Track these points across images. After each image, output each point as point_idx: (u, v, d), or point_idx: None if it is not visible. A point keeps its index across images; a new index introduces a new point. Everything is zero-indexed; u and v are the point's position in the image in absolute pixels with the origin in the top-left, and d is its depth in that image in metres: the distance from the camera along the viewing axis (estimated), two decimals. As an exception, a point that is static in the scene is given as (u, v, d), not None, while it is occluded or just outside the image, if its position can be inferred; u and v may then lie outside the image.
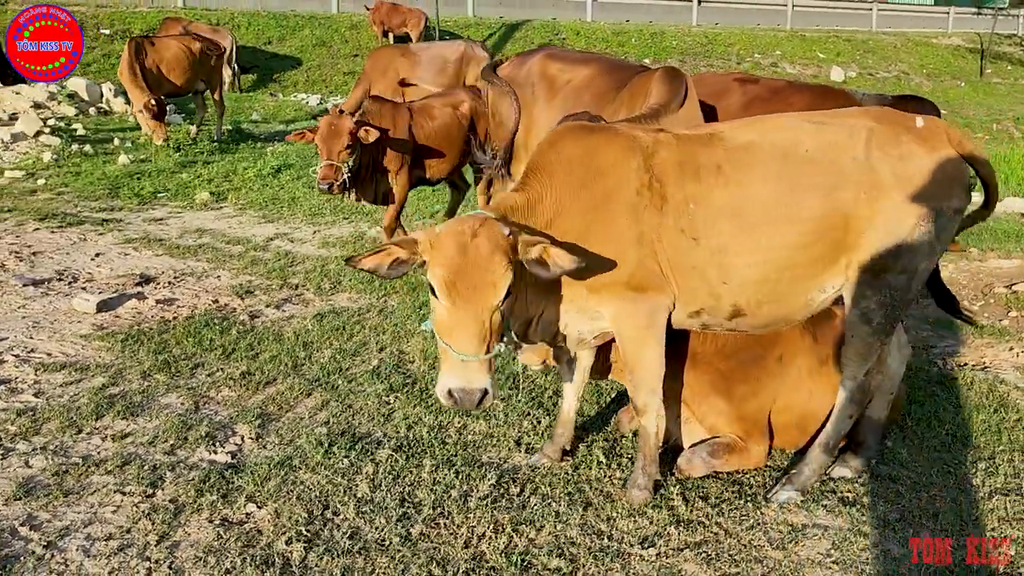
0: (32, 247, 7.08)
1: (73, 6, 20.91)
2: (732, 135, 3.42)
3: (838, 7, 34.88)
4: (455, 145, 7.29)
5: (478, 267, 2.90)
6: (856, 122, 3.41)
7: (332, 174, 6.18)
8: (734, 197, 3.30)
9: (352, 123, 6.21)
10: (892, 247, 3.34)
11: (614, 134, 3.45)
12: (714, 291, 3.39)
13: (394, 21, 21.93)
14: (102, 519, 3.33)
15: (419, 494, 3.57)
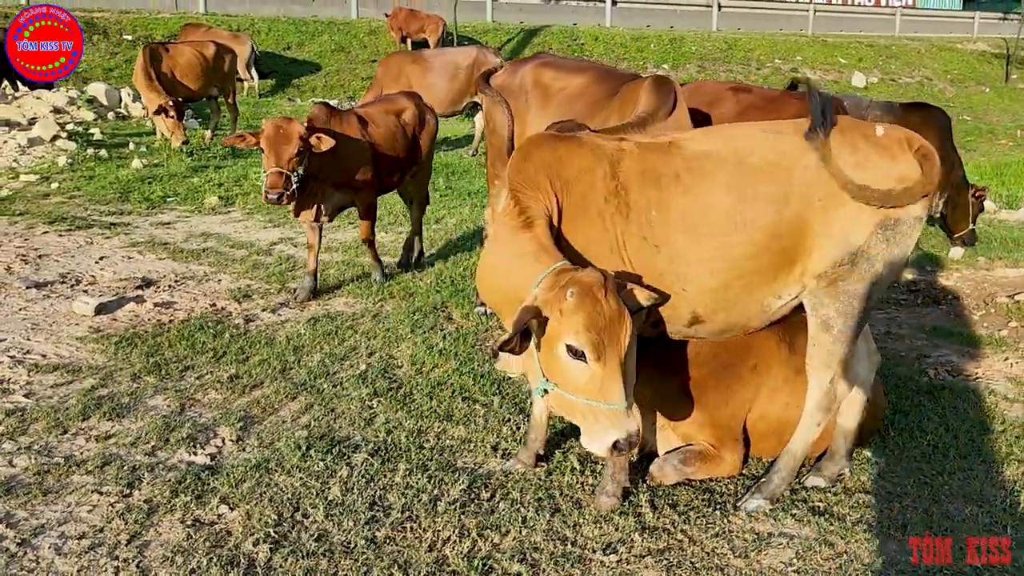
0: (39, 250, 7.22)
1: (96, 12, 21.31)
2: (691, 144, 3.46)
3: (861, 12, 34.61)
4: (402, 154, 6.89)
5: (615, 323, 2.99)
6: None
7: (282, 183, 5.63)
8: (691, 205, 3.34)
9: (303, 128, 5.74)
10: (848, 255, 3.36)
11: (579, 143, 3.50)
12: (674, 299, 3.42)
13: (412, 27, 22.07)
14: (77, 518, 3.40)
15: (390, 498, 3.61)
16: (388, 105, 7.13)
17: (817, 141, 3.29)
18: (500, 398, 4.66)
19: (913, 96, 26.42)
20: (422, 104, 7.37)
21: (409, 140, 6.98)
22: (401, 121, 6.94)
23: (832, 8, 33.86)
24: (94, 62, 19.58)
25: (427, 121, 7.31)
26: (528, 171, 3.46)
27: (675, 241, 3.34)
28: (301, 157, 5.71)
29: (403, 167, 6.95)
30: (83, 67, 19.15)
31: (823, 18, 32.19)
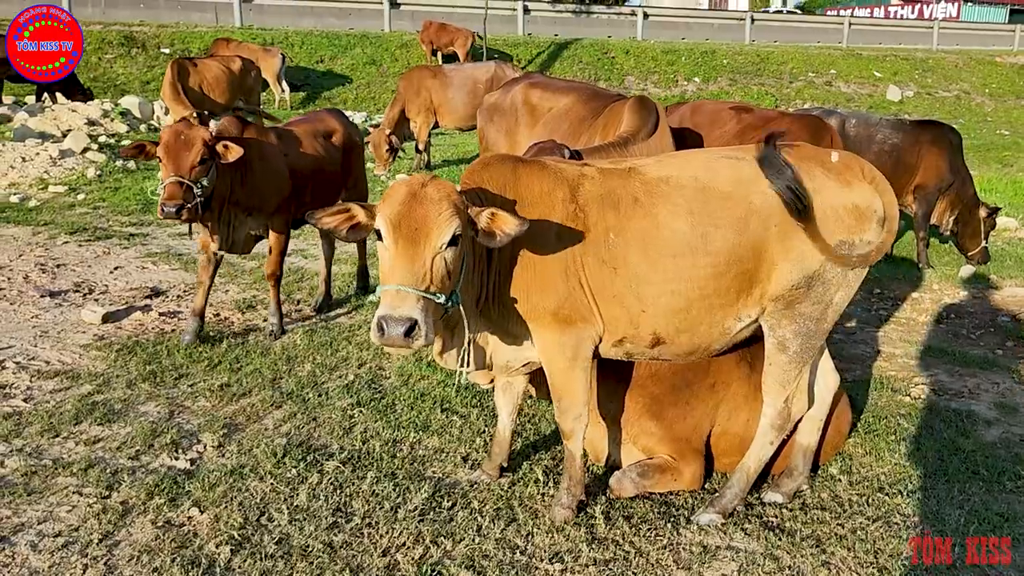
0: (58, 260, 7.51)
1: (136, 26, 21.91)
2: (651, 169, 3.55)
3: (898, 25, 34.30)
4: (328, 179, 6.26)
5: (423, 208, 2.96)
6: None
7: (181, 193, 4.94)
8: (650, 228, 3.42)
9: (208, 134, 5.09)
10: (804, 279, 3.44)
11: (541, 166, 3.57)
12: (634, 320, 3.50)
13: (442, 40, 22.40)
14: (56, 518, 3.59)
15: (354, 504, 3.75)
16: (314, 124, 6.43)
17: (797, 216, 3.34)
18: (479, 410, 4.78)
19: (950, 110, 26.16)
20: (351, 125, 6.76)
21: (338, 163, 6.36)
22: (329, 142, 6.33)
23: (868, 21, 33.66)
24: (132, 75, 20.16)
25: (355, 142, 6.72)
26: (481, 177, 3.49)
27: (633, 263, 3.42)
28: (206, 168, 5.06)
29: (330, 194, 6.32)
30: (121, 79, 19.75)
31: (858, 31, 31.94)
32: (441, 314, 3.14)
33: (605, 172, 3.56)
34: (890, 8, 45.78)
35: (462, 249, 3.11)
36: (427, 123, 12.60)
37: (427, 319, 2.90)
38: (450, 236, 2.98)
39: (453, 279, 3.10)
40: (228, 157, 5.11)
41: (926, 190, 8.69)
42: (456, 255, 3.07)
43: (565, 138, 5.40)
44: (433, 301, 2.96)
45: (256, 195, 5.57)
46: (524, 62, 24.84)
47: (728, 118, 6.90)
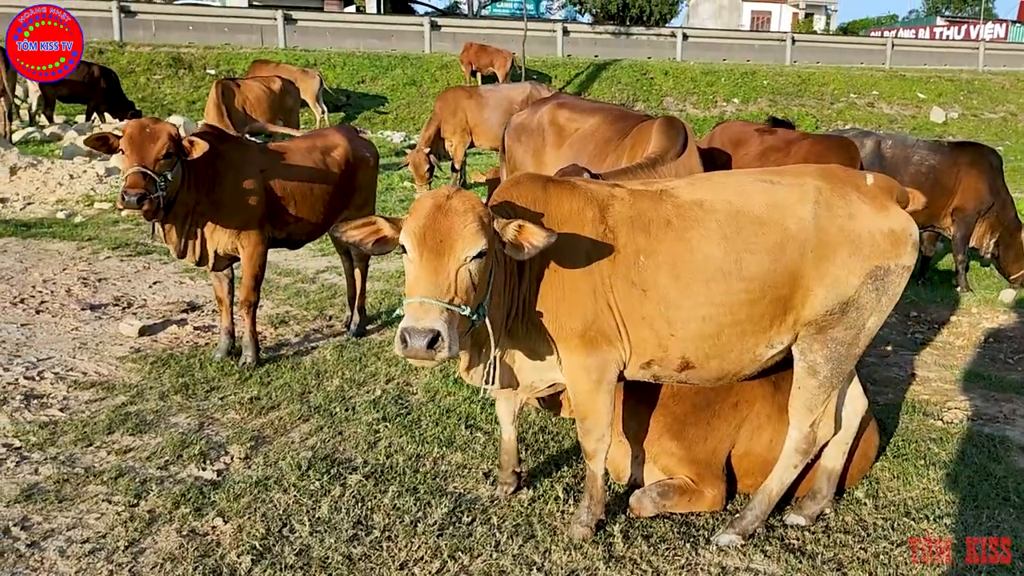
0: (100, 274, 7.70)
1: (183, 48, 22.44)
2: (683, 192, 3.53)
3: (942, 46, 33.89)
4: (322, 198, 5.91)
5: (448, 220, 2.97)
6: (806, 181, 3.50)
7: (143, 183, 4.74)
8: (682, 252, 3.39)
9: (174, 129, 4.94)
10: (839, 305, 3.43)
11: (571, 186, 3.57)
12: (663, 343, 3.47)
13: (482, 61, 22.62)
14: (85, 524, 3.68)
15: (375, 518, 3.79)
16: (313, 140, 6.17)
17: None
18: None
19: (996, 132, 25.73)
20: (359, 140, 6.41)
21: (335, 182, 6.01)
22: (328, 159, 6.00)
23: (912, 42, 33.32)
24: (179, 95, 20.65)
25: (365, 160, 6.33)
26: (511, 195, 3.50)
27: (663, 286, 3.39)
28: (170, 162, 4.88)
29: (325, 214, 5.99)
30: (168, 99, 20.23)
31: (902, 52, 31.61)
32: (468, 328, 3.12)
33: (636, 193, 3.55)
34: (936, 29, 45.23)
35: (488, 262, 3.10)
36: (463, 143, 12.71)
37: (451, 331, 2.87)
38: (476, 248, 2.98)
39: (479, 292, 3.09)
40: (193, 152, 4.95)
41: (964, 212, 8.56)
42: (482, 268, 3.05)
43: (591, 159, 5.43)
44: (458, 313, 2.95)
45: (222, 209, 5.35)
46: (563, 83, 24.98)
47: (753, 138, 6.88)
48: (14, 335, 6.00)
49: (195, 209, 5.27)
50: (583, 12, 41.01)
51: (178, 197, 5.10)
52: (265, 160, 5.67)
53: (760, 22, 56.05)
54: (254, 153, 5.68)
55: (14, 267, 7.74)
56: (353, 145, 6.27)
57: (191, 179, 5.16)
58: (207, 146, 4.99)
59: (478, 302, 3.10)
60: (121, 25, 23.14)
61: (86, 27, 22.73)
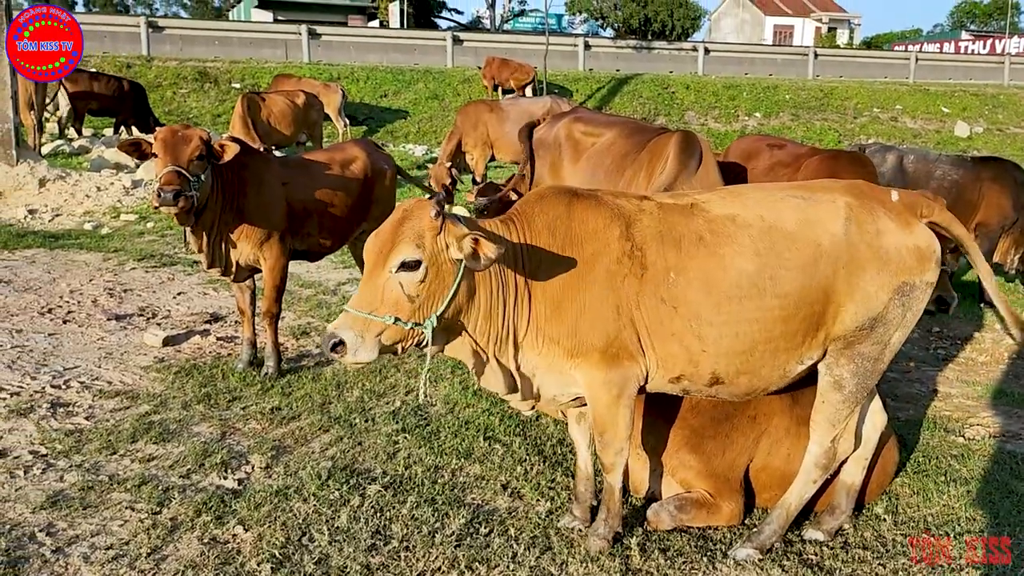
0: (125, 284, 7.82)
1: (209, 62, 22.73)
2: (715, 206, 3.52)
3: (966, 60, 33.68)
4: (341, 211, 5.98)
5: (385, 234, 3.17)
6: (836, 198, 3.51)
7: (178, 180, 4.78)
8: (715, 268, 3.39)
9: (206, 133, 5.03)
10: (869, 320, 3.44)
11: (597, 201, 3.56)
12: (693, 358, 3.46)
13: (504, 75, 22.75)
14: (108, 531, 3.74)
15: (393, 528, 3.82)
16: (332, 154, 6.24)
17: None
18: (521, 439, 4.82)
19: (1021, 147, 25.49)
20: (377, 154, 6.46)
21: (355, 195, 6.07)
22: (347, 172, 6.07)
23: (936, 56, 33.17)
24: (204, 108, 20.91)
25: (383, 173, 6.40)
26: (533, 209, 3.54)
27: (695, 302, 3.38)
28: (203, 164, 4.96)
29: (344, 226, 6.10)
30: (193, 113, 20.49)
31: (926, 66, 31.46)
32: (413, 337, 3.24)
33: (665, 208, 3.54)
34: (961, 43, 44.95)
35: (427, 274, 3.15)
36: (484, 156, 12.79)
37: (358, 339, 3.11)
38: (398, 259, 3.11)
39: (419, 303, 3.16)
40: (225, 155, 5.04)
41: (988, 228, 8.50)
42: (415, 279, 3.13)
43: (609, 173, 5.46)
44: (381, 323, 3.12)
45: (245, 220, 5.41)
46: (584, 97, 25.06)
47: (764, 152, 6.88)
48: (42, 344, 6.11)
49: (221, 217, 5.33)
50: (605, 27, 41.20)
51: (207, 204, 5.17)
52: (287, 173, 5.76)
53: (783, 36, 55.99)
54: (276, 166, 5.78)
55: (42, 278, 7.88)
56: (372, 158, 6.34)
57: (218, 187, 5.23)
58: (238, 148, 5.10)
59: (424, 314, 3.18)
60: (149, 40, 23.50)
61: (115, 42, 23.28)
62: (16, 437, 4.62)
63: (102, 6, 78.80)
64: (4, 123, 11.59)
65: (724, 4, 60.56)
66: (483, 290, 3.36)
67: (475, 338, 3.43)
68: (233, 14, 54.58)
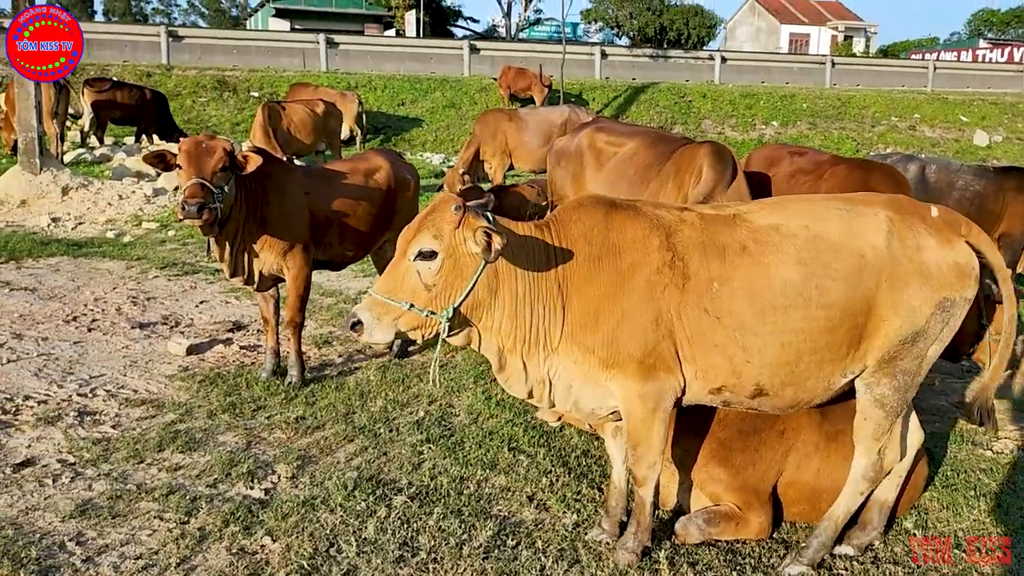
0: (148, 293, 7.87)
1: (228, 71, 22.86)
2: (758, 216, 3.52)
3: (985, 68, 33.48)
4: (365, 220, 6.01)
5: (411, 226, 3.37)
6: (877, 211, 3.50)
7: (203, 194, 4.79)
8: (760, 277, 3.38)
9: (229, 144, 5.03)
10: (909, 335, 3.43)
11: (636, 211, 3.56)
12: (737, 369, 3.44)
13: (519, 85, 22.80)
14: (138, 540, 3.76)
15: (421, 539, 3.82)
16: (355, 163, 6.28)
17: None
18: (546, 450, 4.81)
19: (1041, 157, 25.28)
20: (400, 163, 6.48)
21: (378, 204, 6.10)
22: (370, 181, 6.09)
23: (954, 65, 33.00)
24: (223, 117, 21.03)
25: (406, 183, 6.41)
26: (570, 216, 3.56)
27: (739, 313, 3.37)
28: (226, 176, 4.96)
29: (366, 236, 6.13)
30: (212, 121, 20.62)
31: (944, 75, 31.28)
32: (433, 325, 3.35)
33: (707, 218, 3.54)
34: (978, 51, 44.71)
35: (444, 265, 3.29)
36: (502, 165, 12.80)
37: (376, 321, 3.31)
38: (416, 248, 3.29)
39: (436, 293, 3.30)
40: (248, 167, 5.05)
41: (1011, 238, 8.43)
42: (432, 270, 3.29)
43: (632, 183, 5.46)
44: (397, 308, 3.29)
45: (269, 229, 5.43)
46: (600, 106, 25.06)
47: (785, 160, 6.84)
48: (67, 352, 6.15)
49: (244, 227, 5.35)
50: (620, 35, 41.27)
51: (231, 214, 5.18)
52: (310, 183, 5.78)
53: (798, 44, 55.86)
54: (299, 176, 5.79)
55: (66, 286, 7.94)
56: (395, 168, 6.36)
57: (242, 197, 5.25)
58: (261, 160, 5.10)
59: (440, 304, 3.31)
60: (169, 49, 23.67)
61: (135, 51, 23.47)
62: (44, 445, 4.66)
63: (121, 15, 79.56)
64: (28, 132, 11.71)
65: (739, 12, 60.50)
66: (507, 290, 3.41)
67: (499, 337, 3.47)
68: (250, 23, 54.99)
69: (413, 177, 6.58)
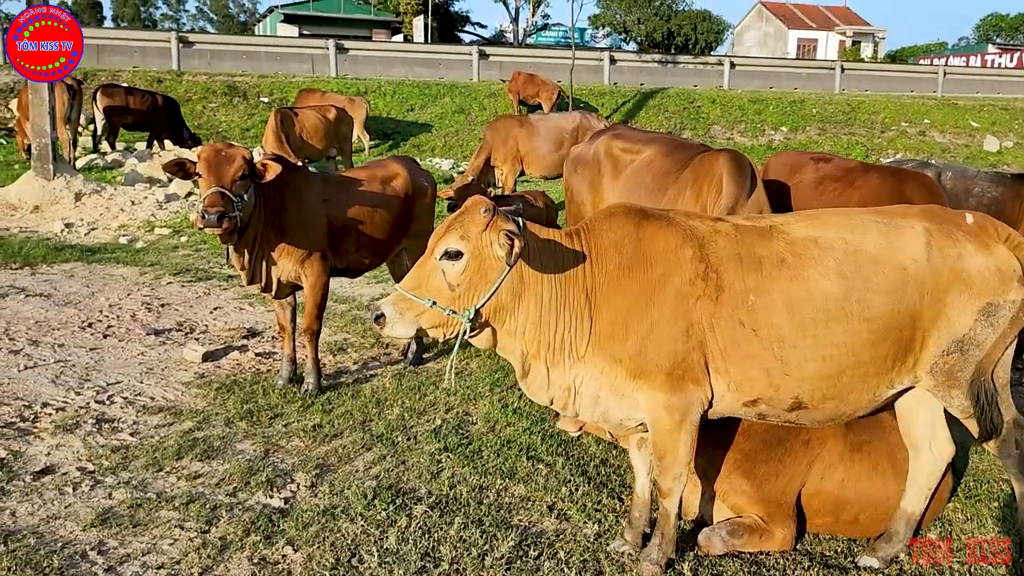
0: (162, 299, 7.87)
1: (239, 77, 22.93)
2: (795, 228, 3.49)
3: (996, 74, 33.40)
4: (382, 228, 5.99)
5: (442, 225, 3.43)
6: (914, 223, 3.47)
7: (222, 202, 4.80)
8: (799, 290, 3.35)
9: (248, 152, 5.03)
10: (955, 344, 3.39)
11: (668, 222, 3.54)
12: (774, 382, 3.41)
13: (529, 91, 22.83)
14: (159, 550, 3.75)
15: (442, 550, 3.80)
16: (373, 170, 6.24)
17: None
18: (564, 459, 4.79)
19: (1052, 162, 25.19)
20: (418, 171, 6.47)
21: (395, 212, 6.08)
22: (388, 188, 6.07)
23: (964, 70, 32.91)
24: (233, 122, 21.09)
25: (423, 190, 6.40)
26: (602, 225, 3.55)
27: (777, 325, 3.34)
28: (245, 184, 4.97)
29: (383, 244, 6.09)
30: (223, 127, 20.67)
31: (954, 80, 31.24)
32: (454, 326, 3.37)
33: (743, 229, 3.52)
34: (987, 57, 44.61)
35: (468, 266, 3.33)
36: (513, 171, 12.80)
37: (398, 315, 3.37)
38: (442, 248, 3.34)
39: (459, 293, 3.34)
40: (267, 175, 5.05)
41: (1029, 245, 8.37)
42: (456, 270, 3.33)
43: (649, 190, 5.43)
44: (420, 304, 3.34)
45: (287, 237, 5.43)
46: (609, 111, 25.06)
47: (808, 167, 6.80)
48: (84, 359, 6.15)
49: (263, 235, 5.36)
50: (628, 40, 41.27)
51: (249, 222, 5.19)
52: (327, 190, 5.77)
53: (806, 50, 55.82)
54: (317, 183, 5.78)
55: (81, 292, 7.95)
56: (412, 175, 6.34)
57: (260, 205, 5.25)
58: (280, 168, 5.09)
59: (463, 304, 3.34)
60: (179, 55, 23.78)
61: (145, 57, 23.57)
62: (64, 453, 4.65)
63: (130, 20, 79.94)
64: (42, 138, 11.74)
65: (747, 17, 60.50)
66: (532, 296, 3.41)
67: (523, 342, 3.47)
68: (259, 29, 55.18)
69: (430, 184, 6.58)
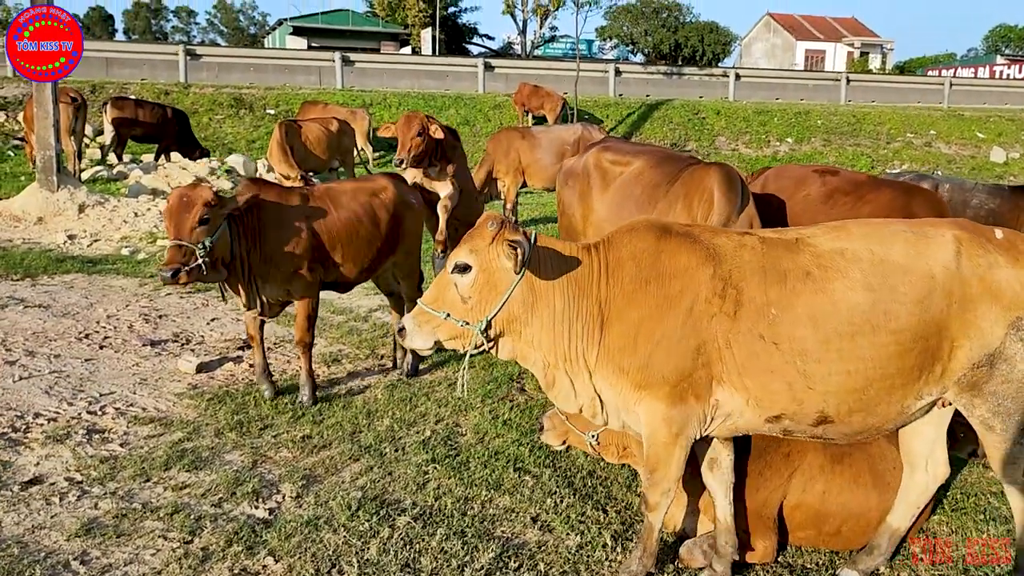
0: (160, 310, 7.92)
1: (245, 89, 23.08)
2: (821, 240, 3.47)
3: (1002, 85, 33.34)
4: (369, 243, 6.01)
5: (459, 248, 3.53)
6: (944, 232, 3.44)
7: (179, 257, 4.91)
8: (824, 303, 3.32)
9: (212, 194, 5.07)
10: (985, 356, 3.34)
11: (690, 239, 3.52)
12: (798, 396, 3.37)
13: (534, 102, 22.91)
14: (141, 560, 3.77)
15: (423, 561, 3.81)
16: (360, 184, 6.31)
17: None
18: (551, 471, 4.80)
19: (1060, 173, 25.11)
20: (403, 187, 6.51)
21: (382, 227, 6.10)
22: (374, 202, 6.10)
23: (971, 81, 32.87)
24: (239, 134, 21.22)
25: (409, 205, 6.41)
26: (622, 240, 3.57)
27: (800, 339, 3.32)
28: (207, 229, 5.02)
29: (371, 258, 6.11)
30: (229, 138, 20.80)
31: (960, 91, 31.18)
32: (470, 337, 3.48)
33: (768, 242, 3.50)
34: (996, 68, 44.54)
35: (477, 278, 3.45)
36: (515, 183, 12.83)
37: (417, 328, 3.55)
38: (453, 262, 3.48)
39: (472, 305, 3.46)
40: (239, 200, 5.24)
41: (1027, 258, 8.35)
42: (466, 282, 3.46)
43: (639, 203, 5.45)
44: (437, 317, 3.49)
45: (271, 260, 5.50)
46: (614, 123, 25.12)
47: (814, 180, 6.79)
48: (78, 370, 6.20)
49: (247, 260, 5.43)
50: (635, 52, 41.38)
51: (233, 252, 5.30)
52: (310, 208, 5.77)
53: (814, 61, 55.83)
54: (297, 199, 5.78)
55: (80, 303, 8.01)
56: (399, 191, 6.35)
57: (239, 233, 5.33)
58: (251, 193, 5.29)
59: (475, 316, 3.45)
60: (186, 67, 23.96)
61: (153, 69, 23.76)
62: (53, 463, 4.69)
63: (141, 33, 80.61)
64: (46, 150, 11.84)
65: (755, 29, 60.59)
66: (544, 307, 3.47)
67: (541, 352, 3.55)
68: (268, 41, 55.55)
69: (417, 200, 6.61)
